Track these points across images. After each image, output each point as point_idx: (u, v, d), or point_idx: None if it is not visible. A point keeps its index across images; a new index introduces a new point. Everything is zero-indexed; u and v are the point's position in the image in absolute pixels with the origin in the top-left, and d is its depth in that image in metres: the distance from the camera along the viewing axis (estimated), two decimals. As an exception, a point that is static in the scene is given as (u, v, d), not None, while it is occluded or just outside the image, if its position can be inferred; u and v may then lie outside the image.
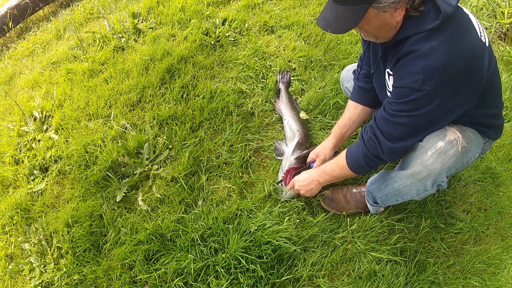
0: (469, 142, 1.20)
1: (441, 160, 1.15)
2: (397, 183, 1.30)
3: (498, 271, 1.58)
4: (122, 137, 2.05)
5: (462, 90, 1.04)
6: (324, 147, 1.62)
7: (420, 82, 0.99)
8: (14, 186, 2.10)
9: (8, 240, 1.88)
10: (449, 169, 1.18)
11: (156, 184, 1.81)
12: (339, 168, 1.36)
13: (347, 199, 1.59)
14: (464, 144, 1.17)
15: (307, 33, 2.51)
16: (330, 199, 1.61)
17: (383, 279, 1.44)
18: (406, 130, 1.11)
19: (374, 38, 1.14)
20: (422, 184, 1.21)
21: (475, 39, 1.04)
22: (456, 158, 1.17)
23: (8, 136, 2.35)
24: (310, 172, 1.51)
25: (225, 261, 1.45)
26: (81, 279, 1.59)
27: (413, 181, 1.23)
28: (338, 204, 1.60)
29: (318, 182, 1.46)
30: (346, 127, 1.59)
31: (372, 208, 1.55)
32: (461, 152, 1.17)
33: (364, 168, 1.27)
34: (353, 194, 1.59)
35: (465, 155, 1.21)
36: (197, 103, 2.07)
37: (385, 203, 1.45)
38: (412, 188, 1.25)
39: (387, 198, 1.40)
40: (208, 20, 2.72)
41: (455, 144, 1.16)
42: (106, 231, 1.71)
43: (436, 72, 0.98)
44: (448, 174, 1.21)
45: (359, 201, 1.58)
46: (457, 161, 1.18)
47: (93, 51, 2.74)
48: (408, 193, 1.29)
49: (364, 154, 1.23)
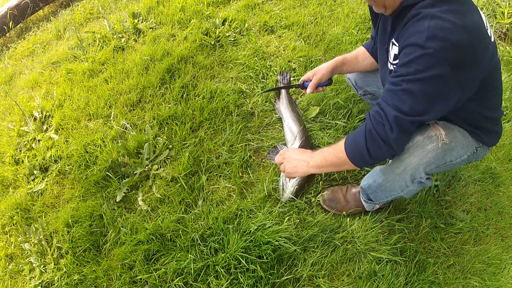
0: (454, 141, 1.17)
1: (417, 155, 1.13)
2: (381, 178, 1.29)
3: (498, 271, 1.58)
4: (122, 137, 2.05)
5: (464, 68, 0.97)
6: (323, 67, 1.58)
7: (425, 39, 0.93)
8: (14, 186, 2.10)
9: (8, 240, 1.88)
10: (427, 165, 1.15)
11: (156, 184, 1.81)
12: (335, 150, 1.18)
13: (346, 199, 1.59)
14: (446, 141, 1.14)
15: (307, 33, 2.51)
16: (330, 199, 1.61)
17: (383, 279, 1.44)
18: (414, 100, 0.99)
19: (383, 8, 1.10)
20: (401, 179, 1.19)
21: (482, 25, 1.01)
22: (435, 154, 1.14)
23: (8, 136, 2.35)
24: (305, 151, 1.34)
25: (225, 261, 1.45)
26: (81, 279, 1.59)
27: (393, 176, 1.21)
28: (338, 204, 1.60)
29: (307, 163, 1.28)
30: (349, 61, 1.56)
31: (367, 205, 1.54)
32: (441, 148, 1.14)
33: (362, 151, 1.08)
34: (352, 194, 1.59)
35: (448, 153, 1.16)
36: (197, 103, 2.07)
37: (378, 199, 1.44)
38: (395, 184, 1.24)
39: (377, 194, 1.38)
40: (208, 20, 2.72)
41: (435, 139, 1.13)
42: (106, 231, 1.71)
43: (440, 32, 0.92)
44: (428, 170, 1.16)
45: (358, 200, 1.58)
46: (436, 157, 1.14)
47: (93, 51, 2.74)
48: (393, 189, 1.27)
49: (368, 130, 1.06)
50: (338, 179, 1.73)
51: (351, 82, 1.78)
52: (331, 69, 1.58)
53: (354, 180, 1.73)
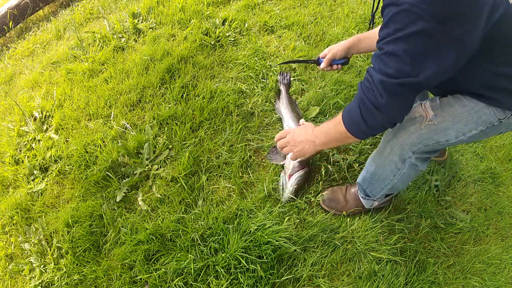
0: (450, 120, 1.10)
1: (400, 136, 1.14)
2: (372, 167, 1.29)
3: (498, 271, 1.58)
4: (122, 137, 2.05)
5: (454, 21, 0.88)
6: (338, 44, 1.54)
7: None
8: (14, 186, 2.10)
9: (8, 240, 1.88)
10: (412, 145, 1.13)
11: (156, 184, 1.81)
12: (334, 125, 1.14)
13: (346, 199, 1.59)
14: (433, 122, 1.10)
15: (307, 33, 2.51)
16: (330, 199, 1.61)
17: (383, 279, 1.44)
18: (397, 61, 0.92)
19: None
20: (391, 162, 1.19)
21: None
22: (419, 135, 1.12)
23: (8, 136, 2.35)
24: (307, 127, 1.29)
25: (225, 261, 1.45)
26: (81, 279, 1.59)
27: (383, 160, 1.21)
28: (337, 204, 1.60)
29: (313, 143, 1.23)
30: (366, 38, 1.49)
31: (366, 202, 1.53)
32: (426, 129, 1.11)
33: (358, 122, 1.03)
34: (352, 193, 1.60)
35: (439, 133, 1.12)
36: (197, 103, 2.07)
37: (374, 193, 1.44)
38: (386, 169, 1.23)
39: (373, 186, 1.38)
40: (208, 20, 2.72)
41: (419, 120, 1.12)
42: (106, 231, 1.71)
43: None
44: (414, 149, 1.14)
45: (357, 199, 1.58)
46: (421, 138, 1.13)
47: (93, 51, 2.74)
48: (385, 176, 1.27)
49: (359, 99, 1.02)
50: (338, 179, 1.73)
51: None
52: (347, 46, 1.52)
53: (354, 180, 1.73)
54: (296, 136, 1.29)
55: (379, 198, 1.50)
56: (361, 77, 2.22)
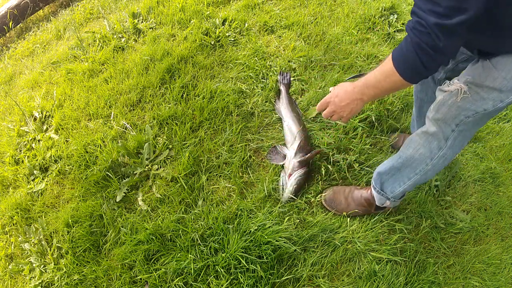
0: (487, 90, 1.09)
1: (441, 111, 1.16)
2: (411, 148, 1.29)
3: (498, 271, 1.58)
4: (122, 137, 2.05)
5: None
6: None
7: None
8: (14, 186, 2.10)
9: (8, 240, 1.88)
10: (454, 117, 1.15)
11: (156, 184, 1.81)
12: (385, 76, 1.07)
13: (348, 201, 1.59)
14: (468, 94, 1.11)
15: (307, 33, 2.51)
16: (331, 199, 1.61)
17: (383, 279, 1.44)
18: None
19: None
20: (434, 140, 1.21)
21: None
22: (458, 107, 1.14)
23: (8, 136, 2.35)
24: (346, 88, 1.19)
25: (225, 261, 1.45)
26: (81, 279, 1.59)
27: (425, 139, 1.23)
28: (338, 205, 1.60)
29: (361, 100, 1.17)
30: None
31: (379, 198, 1.49)
32: (462, 101, 1.12)
33: (416, 66, 0.99)
34: (355, 196, 1.59)
35: (476, 103, 1.11)
36: (197, 103, 2.07)
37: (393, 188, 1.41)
38: (426, 150, 1.24)
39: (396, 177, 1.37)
40: (208, 20, 2.72)
41: (455, 94, 1.13)
42: (106, 231, 1.71)
43: None
44: (457, 122, 1.16)
45: (359, 204, 1.57)
46: (460, 109, 1.13)
47: (93, 51, 2.74)
48: (422, 160, 1.27)
49: (415, 43, 0.96)
50: (338, 179, 1.73)
51: None
52: None
53: (355, 180, 1.73)
54: (340, 102, 1.21)
55: (394, 197, 1.46)
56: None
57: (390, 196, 1.46)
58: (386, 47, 2.43)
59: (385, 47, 2.43)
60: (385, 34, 2.53)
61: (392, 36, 2.52)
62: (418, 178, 1.35)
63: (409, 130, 1.96)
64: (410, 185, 1.38)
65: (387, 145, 1.87)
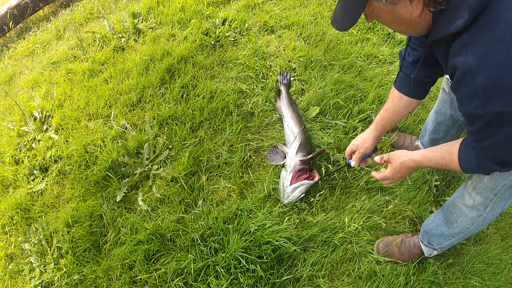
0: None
1: (479, 187, 1.17)
2: (453, 215, 1.31)
3: (498, 271, 1.58)
4: (122, 137, 2.05)
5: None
6: (364, 139, 1.42)
7: (481, 106, 0.81)
8: (14, 186, 2.10)
9: (8, 240, 1.88)
10: (493, 189, 1.16)
11: (156, 184, 1.81)
12: (447, 162, 1.10)
13: (401, 251, 1.54)
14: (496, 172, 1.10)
15: (307, 33, 2.51)
16: (385, 250, 1.56)
17: (383, 279, 1.44)
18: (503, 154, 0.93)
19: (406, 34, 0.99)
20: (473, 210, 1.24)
21: None
22: (495, 180, 1.13)
23: (8, 136, 2.35)
24: (408, 164, 1.19)
25: (225, 261, 1.45)
26: (81, 279, 1.59)
27: (466, 208, 1.25)
28: (392, 256, 1.54)
29: (413, 168, 1.21)
30: (390, 120, 1.39)
31: (426, 250, 1.49)
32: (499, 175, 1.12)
33: (475, 171, 1.05)
34: (408, 246, 1.54)
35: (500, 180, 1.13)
36: (197, 103, 2.07)
37: (440, 244, 1.43)
38: (467, 218, 1.27)
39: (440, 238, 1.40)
40: (208, 20, 2.72)
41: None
42: (106, 231, 1.71)
43: (492, 89, 0.79)
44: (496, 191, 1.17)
45: (413, 252, 1.53)
46: (497, 181, 1.13)
47: (93, 51, 2.74)
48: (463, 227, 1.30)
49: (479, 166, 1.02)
50: (338, 179, 1.73)
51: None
52: (374, 138, 1.42)
53: (355, 180, 1.72)
54: (398, 178, 1.26)
55: (442, 247, 1.45)
56: (361, 77, 2.22)
57: (438, 247, 1.46)
58: (386, 47, 2.43)
59: (385, 47, 2.43)
60: (385, 34, 2.53)
61: (392, 36, 2.52)
62: (462, 236, 1.37)
63: (409, 130, 1.96)
64: (456, 241, 1.41)
65: (387, 145, 1.87)
